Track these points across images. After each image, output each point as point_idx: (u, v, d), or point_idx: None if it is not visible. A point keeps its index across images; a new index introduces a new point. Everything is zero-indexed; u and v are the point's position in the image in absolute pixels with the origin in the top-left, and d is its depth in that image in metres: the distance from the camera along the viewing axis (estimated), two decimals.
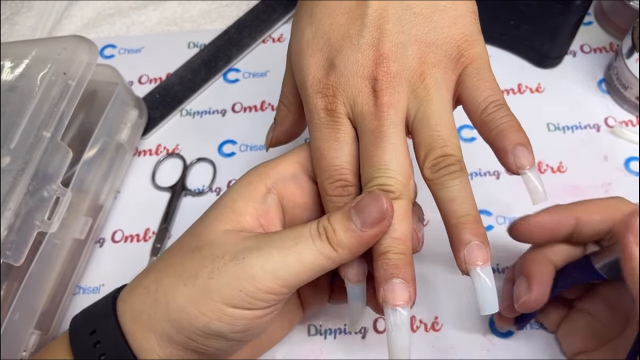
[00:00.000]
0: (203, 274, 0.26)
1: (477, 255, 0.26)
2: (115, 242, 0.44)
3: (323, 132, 0.29)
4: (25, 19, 0.57)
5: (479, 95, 0.28)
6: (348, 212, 0.26)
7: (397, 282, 0.26)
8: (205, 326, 0.26)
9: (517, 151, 0.27)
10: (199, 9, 0.57)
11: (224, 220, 0.28)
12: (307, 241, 0.26)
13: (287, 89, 0.33)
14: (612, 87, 0.47)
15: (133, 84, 0.53)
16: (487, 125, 0.28)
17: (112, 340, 0.27)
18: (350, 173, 0.28)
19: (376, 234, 0.26)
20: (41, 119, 0.36)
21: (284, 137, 0.35)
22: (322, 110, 0.29)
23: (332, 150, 0.28)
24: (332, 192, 0.28)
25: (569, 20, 0.45)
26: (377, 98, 0.28)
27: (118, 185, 0.46)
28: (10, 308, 0.35)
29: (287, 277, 0.26)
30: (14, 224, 0.34)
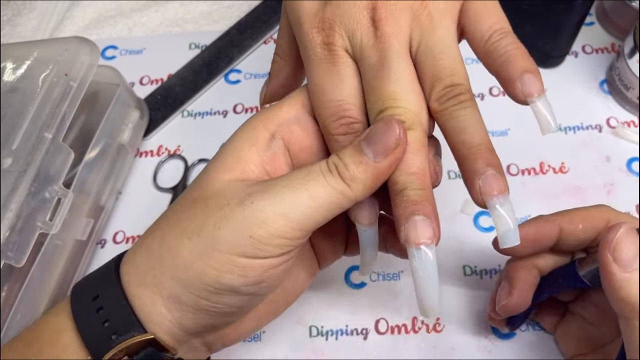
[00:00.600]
0: (208, 224, 0.24)
1: (493, 184, 0.24)
2: (116, 243, 0.44)
3: (321, 67, 0.27)
4: (27, 20, 0.57)
5: (482, 24, 0.27)
6: (358, 144, 0.24)
7: (419, 219, 0.24)
8: (216, 280, 0.24)
9: (524, 78, 0.25)
10: (200, 10, 0.57)
11: (228, 169, 0.26)
12: (319, 178, 0.24)
13: (282, 39, 0.31)
14: (614, 88, 0.47)
15: (134, 85, 0.53)
16: (492, 54, 0.26)
17: (115, 305, 0.25)
18: (355, 108, 0.26)
19: (390, 163, 0.24)
20: (43, 120, 0.36)
21: (280, 91, 0.33)
22: (318, 45, 0.27)
23: (333, 86, 0.26)
24: (337, 131, 0.26)
25: (571, 20, 0.45)
26: (377, 28, 0.26)
27: (119, 186, 0.46)
28: (12, 309, 0.35)
29: (300, 218, 0.24)
30: (16, 225, 0.34)
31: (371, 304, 0.40)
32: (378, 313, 0.39)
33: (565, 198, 0.43)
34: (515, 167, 0.45)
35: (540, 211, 0.42)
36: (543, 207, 0.43)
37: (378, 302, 0.40)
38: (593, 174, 0.44)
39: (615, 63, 0.46)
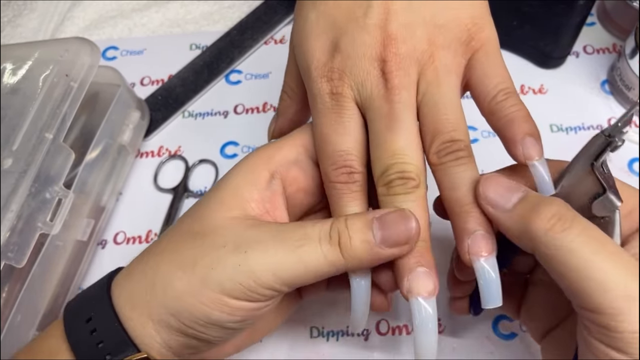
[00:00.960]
0: (203, 262, 0.25)
1: (481, 245, 0.25)
2: (117, 243, 0.44)
3: (328, 117, 0.27)
4: (28, 21, 0.57)
5: (488, 82, 0.27)
6: (371, 222, 0.25)
7: (422, 271, 0.25)
8: (206, 316, 0.25)
9: (526, 142, 0.26)
10: (201, 10, 0.57)
11: (229, 206, 0.27)
12: (314, 245, 0.25)
13: (290, 78, 0.32)
14: (615, 88, 0.47)
15: (135, 86, 0.53)
16: (496, 114, 0.27)
17: (109, 326, 0.26)
18: (356, 160, 0.27)
19: (393, 255, 0.25)
20: (43, 121, 0.36)
21: (287, 128, 0.33)
22: (327, 94, 0.27)
23: (337, 135, 0.27)
24: (337, 179, 0.27)
25: (572, 21, 0.45)
26: (387, 80, 0.27)
27: (120, 186, 0.46)
28: (13, 310, 0.35)
29: (286, 278, 0.25)
30: (16, 226, 0.34)
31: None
32: (379, 314, 0.39)
33: None
34: None
35: None
36: None
37: None
38: None
39: (616, 63, 0.46)
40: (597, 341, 0.22)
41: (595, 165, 0.25)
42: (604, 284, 0.21)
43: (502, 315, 0.38)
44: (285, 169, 0.28)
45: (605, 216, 0.25)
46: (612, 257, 0.22)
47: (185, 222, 0.28)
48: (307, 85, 0.29)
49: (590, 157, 0.26)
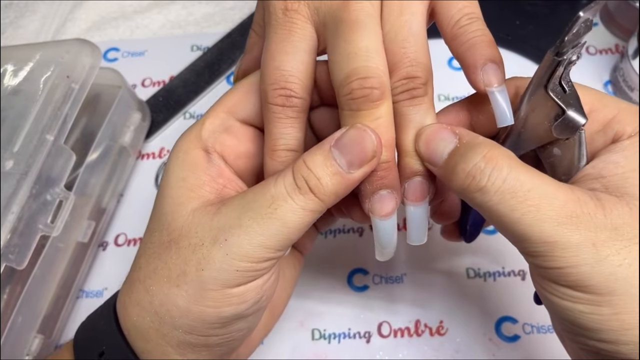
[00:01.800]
0: (191, 269, 0.24)
1: (416, 191, 0.25)
2: (118, 245, 0.44)
3: (277, 34, 0.25)
4: (29, 23, 0.57)
5: (452, 6, 0.25)
6: (328, 151, 0.23)
7: (383, 194, 0.25)
8: (218, 316, 0.24)
9: (487, 67, 0.24)
10: (202, 12, 0.57)
11: (184, 201, 0.25)
12: (287, 201, 0.23)
13: (259, 14, 0.30)
14: (619, 89, 0.47)
15: (136, 87, 0.53)
16: (458, 38, 0.25)
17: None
18: (299, 83, 0.25)
19: (365, 174, 0.24)
20: (44, 122, 0.36)
21: (254, 66, 0.31)
22: (280, 10, 0.26)
23: (284, 54, 0.25)
24: (273, 100, 0.25)
25: None
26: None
27: (121, 188, 0.46)
28: (13, 312, 0.35)
29: (276, 244, 0.24)
30: (17, 228, 0.34)
31: (374, 307, 0.39)
32: (381, 316, 0.39)
33: None
34: None
35: None
36: None
37: (381, 305, 0.39)
38: None
39: (619, 64, 0.46)
40: (540, 278, 0.22)
41: (550, 86, 0.24)
42: (524, 236, 0.21)
43: (505, 317, 0.38)
44: (216, 141, 0.27)
45: (569, 137, 0.24)
46: (530, 210, 0.21)
47: (153, 235, 0.26)
48: (265, 7, 0.27)
49: (541, 79, 0.24)
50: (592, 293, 0.20)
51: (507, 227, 0.22)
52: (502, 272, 0.40)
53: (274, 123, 0.25)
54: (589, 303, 0.20)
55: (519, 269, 0.40)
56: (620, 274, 0.20)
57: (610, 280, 0.20)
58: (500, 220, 0.22)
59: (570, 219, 0.21)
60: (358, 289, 0.40)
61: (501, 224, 0.22)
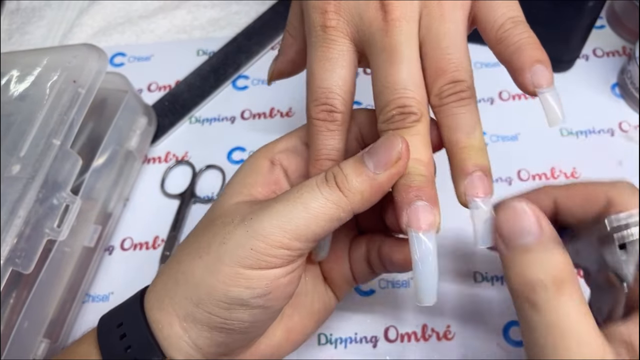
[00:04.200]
0: (215, 241, 0.25)
1: (477, 186, 0.25)
2: (124, 250, 0.44)
3: (317, 51, 0.27)
4: (36, 28, 0.58)
5: (495, 11, 0.26)
6: (360, 156, 0.25)
7: (421, 205, 0.24)
8: (225, 295, 0.25)
9: (535, 69, 0.25)
10: (208, 16, 0.57)
11: (236, 194, 0.28)
12: (313, 190, 0.24)
13: (294, 16, 0.31)
14: (626, 91, 0.46)
15: (142, 92, 0.53)
16: (503, 42, 0.26)
17: (137, 331, 0.26)
18: (339, 98, 0.26)
19: (391, 176, 0.24)
20: (51, 127, 0.36)
21: (287, 68, 0.33)
22: (319, 27, 0.27)
23: (322, 71, 0.26)
24: (317, 115, 0.27)
25: (581, 24, 0.44)
26: (386, 12, 0.25)
27: (127, 192, 0.46)
28: (20, 316, 0.35)
29: (295, 229, 0.24)
30: (24, 232, 0.34)
31: (380, 311, 0.39)
32: (387, 320, 0.39)
33: None
34: (525, 172, 0.44)
35: None
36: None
37: (387, 310, 0.39)
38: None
39: (626, 66, 0.46)
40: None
41: (610, 264, 0.24)
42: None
43: (513, 322, 0.38)
44: (283, 157, 0.29)
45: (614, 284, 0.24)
46: (560, 348, 0.21)
47: (201, 219, 0.29)
48: (304, 18, 0.28)
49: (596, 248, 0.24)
50: None
51: (530, 339, 0.22)
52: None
53: (316, 135, 0.27)
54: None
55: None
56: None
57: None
58: (529, 333, 0.22)
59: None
60: (364, 293, 0.40)
61: (528, 334, 0.22)
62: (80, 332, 0.41)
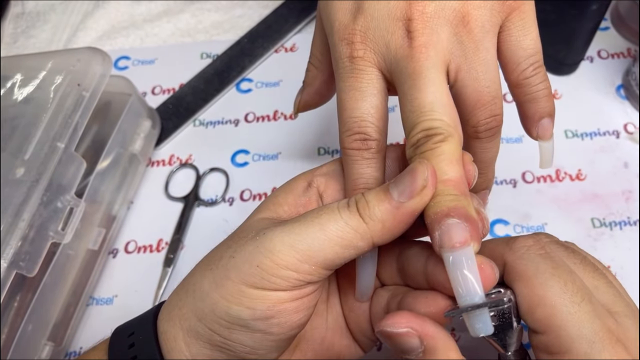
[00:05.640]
0: (226, 254, 0.24)
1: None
2: (128, 252, 0.44)
3: (346, 82, 0.26)
4: (41, 32, 0.58)
5: (521, 53, 0.27)
6: (386, 186, 0.24)
7: (452, 222, 0.22)
8: (226, 312, 0.24)
9: (543, 122, 0.28)
10: (211, 20, 0.57)
11: (263, 210, 0.27)
12: (333, 213, 0.23)
13: (316, 47, 0.31)
14: (631, 93, 0.46)
15: (146, 95, 0.53)
16: (522, 88, 0.27)
17: (145, 342, 0.25)
18: (372, 126, 0.26)
19: (415, 205, 0.23)
20: (55, 130, 0.36)
21: (313, 100, 0.33)
22: (346, 58, 0.26)
23: (352, 101, 0.26)
24: (350, 145, 0.26)
25: (585, 26, 0.44)
26: (412, 39, 0.25)
27: (131, 195, 0.46)
28: (24, 319, 0.35)
29: (306, 250, 0.23)
30: (28, 235, 0.34)
31: None
32: None
33: (583, 204, 0.42)
34: (530, 174, 0.44)
35: (557, 218, 0.42)
36: (560, 214, 0.42)
37: None
38: (611, 181, 0.43)
39: (631, 68, 0.46)
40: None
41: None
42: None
43: None
44: (322, 180, 0.28)
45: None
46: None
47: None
48: (331, 50, 0.28)
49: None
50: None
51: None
52: None
53: (352, 165, 0.26)
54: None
55: None
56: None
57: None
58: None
59: None
60: None
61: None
62: (84, 335, 0.41)
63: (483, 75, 0.26)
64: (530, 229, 0.41)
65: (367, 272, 0.27)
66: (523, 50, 0.27)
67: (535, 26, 0.27)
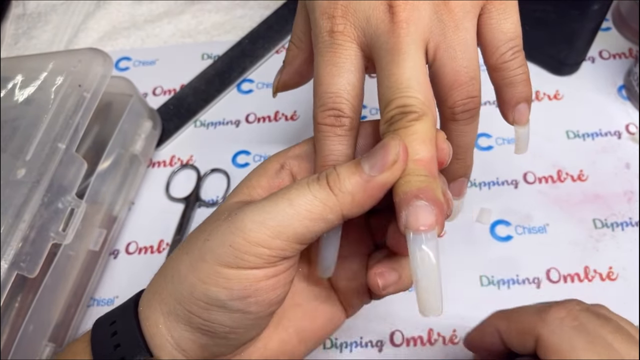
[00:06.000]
0: (201, 237, 0.25)
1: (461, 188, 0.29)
2: (129, 253, 0.44)
3: (324, 57, 0.26)
4: (42, 33, 0.58)
5: (501, 36, 0.27)
6: (358, 160, 0.24)
7: (421, 205, 0.22)
8: (204, 294, 0.24)
9: (520, 107, 0.28)
10: (212, 21, 0.57)
11: (238, 194, 0.27)
12: (302, 187, 0.23)
13: (298, 26, 0.31)
14: (632, 93, 0.46)
15: (147, 96, 0.53)
16: (500, 72, 0.27)
17: (126, 329, 0.26)
18: (346, 103, 0.26)
19: (385, 179, 0.23)
20: (56, 131, 0.36)
21: (293, 80, 0.33)
22: (326, 32, 0.26)
23: (330, 76, 0.26)
24: (323, 121, 0.26)
25: (586, 26, 0.44)
26: (393, 14, 0.25)
27: (132, 196, 0.46)
28: (25, 320, 0.35)
29: (276, 226, 0.23)
30: (29, 236, 0.34)
31: (386, 315, 0.39)
32: (393, 324, 0.38)
33: (585, 206, 0.42)
34: (532, 175, 0.44)
35: (558, 219, 0.41)
36: (561, 215, 0.42)
37: (393, 314, 0.39)
38: (613, 182, 0.43)
39: (633, 68, 0.46)
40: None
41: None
42: None
43: None
44: (294, 162, 0.28)
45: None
46: None
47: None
48: (312, 26, 0.28)
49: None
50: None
51: None
52: (516, 280, 0.39)
53: (323, 141, 0.26)
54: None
55: (534, 276, 0.39)
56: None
57: None
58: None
59: None
60: None
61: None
62: None
63: (461, 55, 0.26)
64: (531, 230, 0.41)
65: (330, 248, 0.27)
66: (503, 33, 0.27)
67: (516, 10, 0.27)
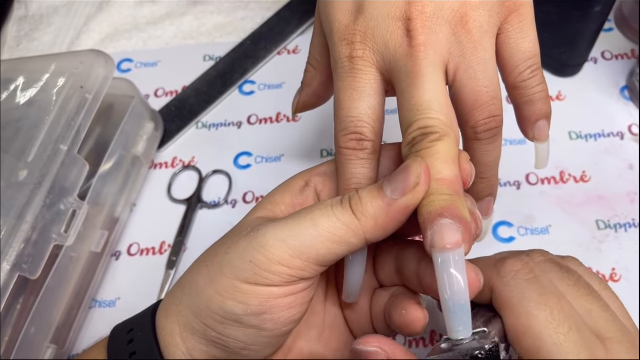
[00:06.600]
0: (221, 251, 0.25)
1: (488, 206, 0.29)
2: (131, 255, 0.44)
3: (344, 82, 0.26)
4: (44, 35, 0.58)
5: (519, 55, 0.27)
6: (380, 183, 0.24)
7: (446, 223, 0.21)
8: (220, 307, 0.24)
9: (540, 124, 0.28)
10: (214, 22, 0.58)
11: (260, 209, 0.28)
12: (325, 209, 0.23)
13: (315, 48, 0.31)
14: (635, 94, 0.46)
15: (149, 97, 0.53)
16: (520, 90, 0.28)
17: (143, 337, 0.26)
18: (368, 127, 0.26)
19: (407, 202, 0.23)
20: (58, 133, 0.36)
21: (311, 101, 0.33)
22: (345, 58, 0.26)
23: (351, 101, 0.26)
24: (345, 145, 0.26)
25: (589, 28, 0.44)
26: (411, 38, 0.25)
27: (134, 198, 0.46)
28: (27, 322, 0.35)
29: (299, 245, 0.23)
30: (31, 237, 0.34)
31: None
32: None
33: (588, 206, 0.42)
34: (534, 176, 0.44)
35: (561, 220, 0.41)
36: (564, 216, 0.42)
37: None
38: (616, 183, 0.43)
39: (635, 69, 0.46)
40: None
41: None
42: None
43: None
44: (319, 180, 0.28)
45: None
46: None
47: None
48: (330, 50, 0.28)
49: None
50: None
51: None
52: None
53: (346, 164, 0.26)
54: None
55: None
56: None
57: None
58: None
59: None
60: None
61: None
62: (87, 338, 0.41)
63: (482, 75, 0.26)
64: (534, 231, 0.41)
65: (356, 273, 0.27)
66: (521, 53, 0.27)
67: (534, 29, 0.27)
